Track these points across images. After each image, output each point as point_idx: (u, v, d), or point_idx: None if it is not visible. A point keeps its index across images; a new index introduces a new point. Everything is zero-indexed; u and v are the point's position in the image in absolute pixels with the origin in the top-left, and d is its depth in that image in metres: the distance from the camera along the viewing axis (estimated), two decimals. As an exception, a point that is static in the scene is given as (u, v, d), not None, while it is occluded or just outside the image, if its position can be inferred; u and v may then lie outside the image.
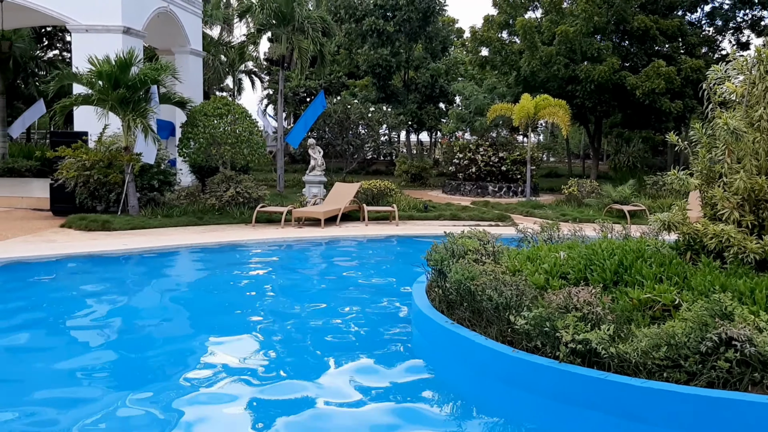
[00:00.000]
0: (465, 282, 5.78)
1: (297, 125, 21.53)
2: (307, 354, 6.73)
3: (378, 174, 27.73)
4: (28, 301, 8.71)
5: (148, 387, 5.82)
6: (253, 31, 22.82)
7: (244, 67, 39.63)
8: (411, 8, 26.69)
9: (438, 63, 30.28)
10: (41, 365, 6.34)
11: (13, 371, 6.20)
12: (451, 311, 6.03)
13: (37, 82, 33.03)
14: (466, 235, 7.30)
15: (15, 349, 6.84)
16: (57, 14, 16.64)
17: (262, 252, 12.19)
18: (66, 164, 14.32)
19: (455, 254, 6.63)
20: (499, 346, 5.23)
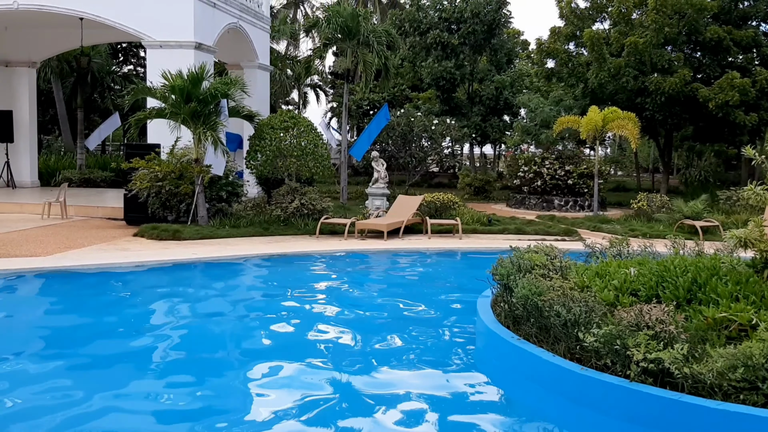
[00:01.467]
0: (532, 297, 5.70)
1: (361, 138, 21.71)
2: (368, 365, 6.74)
3: (441, 187, 27.67)
4: (102, 306, 9.02)
5: (216, 385, 5.94)
6: (319, 46, 23.22)
7: (309, 80, 40.27)
8: (476, 21, 26.63)
9: (503, 75, 30.08)
10: (118, 366, 6.56)
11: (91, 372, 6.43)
12: (517, 327, 5.96)
13: (112, 96, 34.39)
14: (532, 249, 7.21)
15: (91, 352, 7.10)
16: (133, 31, 17.29)
17: (326, 263, 12.31)
18: (139, 175, 14.81)
19: (522, 269, 6.55)
20: (566, 364, 5.13)
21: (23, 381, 6.14)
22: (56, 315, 8.72)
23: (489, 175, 27.74)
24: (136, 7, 16.95)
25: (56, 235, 13.69)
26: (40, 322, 8.47)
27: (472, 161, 34.42)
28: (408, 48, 28.66)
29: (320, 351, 7.22)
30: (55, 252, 11.71)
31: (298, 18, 44.23)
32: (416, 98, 32.81)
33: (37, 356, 6.98)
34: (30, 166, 22.64)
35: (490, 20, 26.95)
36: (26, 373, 6.38)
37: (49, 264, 10.67)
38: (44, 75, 29.29)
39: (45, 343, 7.54)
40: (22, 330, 8.07)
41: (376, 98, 32.17)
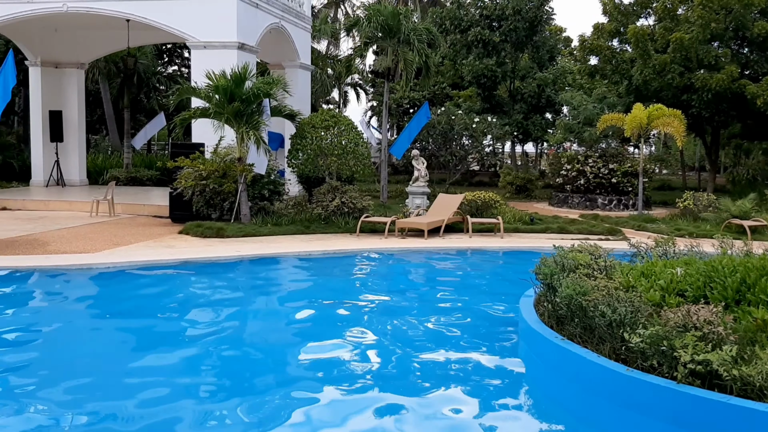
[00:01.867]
0: (576, 297, 5.65)
1: (401, 136, 21.72)
2: (409, 365, 6.75)
3: (481, 185, 27.51)
4: (147, 301, 9.23)
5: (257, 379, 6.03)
6: (359, 45, 23.28)
7: (349, 79, 40.45)
8: (518, 18, 26.40)
9: (545, 72, 29.76)
10: (168, 359, 6.71)
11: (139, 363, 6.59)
12: (561, 327, 5.91)
13: (158, 96, 35.05)
14: (576, 248, 7.14)
15: (136, 346, 7.27)
16: (178, 32, 17.60)
17: (367, 261, 12.37)
18: (184, 174, 15.08)
19: (565, 268, 6.50)
20: (612, 364, 5.07)
21: (75, 368, 6.32)
22: (104, 310, 8.95)
23: (531, 174, 27.49)
24: (181, 9, 17.25)
25: (104, 232, 14.03)
26: (89, 316, 8.70)
27: (513, 159, 34.14)
28: (448, 46, 28.55)
29: (357, 348, 7.26)
30: (103, 249, 12.01)
31: (338, 17, 44.44)
32: (457, 96, 32.67)
33: (84, 347, 7.18)
34: (79, 165, 23.23)
35: (531, 17, 26.69)
36: (73, 360, 6.57)
37: (98, 260, 10.95)
38: (92, 76, 30.00)
39: (94, 337, 7.75)
40: (73, 323, 8.30)
41: (416, 97, 32.13)
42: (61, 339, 7.65)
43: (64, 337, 7.72)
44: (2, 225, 14.67)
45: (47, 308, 9.00)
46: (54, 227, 14.52)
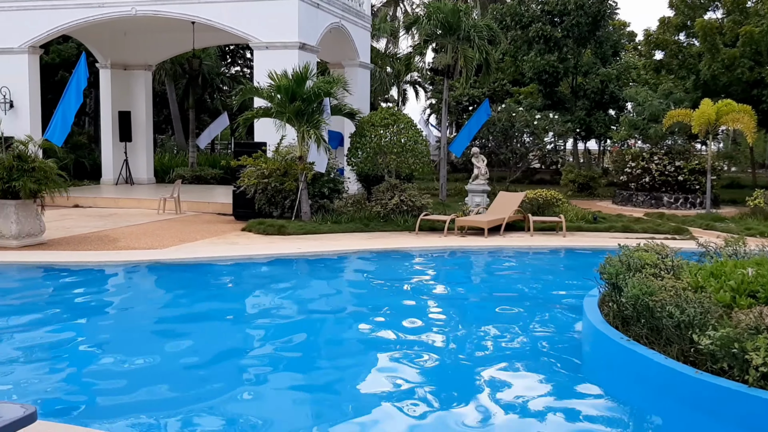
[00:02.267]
0: (643, 297, 5.52)
1: (461, 134, 21.62)
2: (467, 364, 6.72)
3: (543, 183, 27.13)
4: (212, 296, 9.46)
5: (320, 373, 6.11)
6: (419, 42, 23.26)
7: (409, 77, 40.45)
8: (580, 13, 25.91)
9: (608, 68, 29.12)
10: (233, 350, 6.87)
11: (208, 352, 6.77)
12: (626, 327, 5.78)
13: (221, 97, 35.81)
14: (642, 248, 6.97)
15: (200, 339, 7.46)
16: (242, 33, 17.94)
17: (426, 259, 12.36)
18: (247, 172, 15.37)
19: (631, 268, 6.35)
20: (680, 367, 4.94)
21: (136, 356, 6.54)
22: (171, 303, 9.21)
23: (594, 171, 26.97)
24: (244, 10, 17.57)
25: (171, 229, 14.43)
26: (156, 309, 8.97)
27: (575, 157, 33.54)
28: (509, 42, 28.24)
29: (417, 347, 7.27)
30: (170, 245, 12.36)
31: (397, 15, 44.49)
32: (517, 93, 32.31)
33: (153, 338, 7.41)
34: (146, 163, 23.96)
35: (595, 11, 26.15)
36: (142, 351, 6.80)
37: (165, 256, 11.29)
38: (159, 77, 30.87)
39: (162, 329, 7.99)
40: (141, 316, 8.58)
41: (476, 94, 31.92)
42: (126, 332, 7.91)
43: (128, 331, 7.98)
44: (75, 222, 15.27)
45: (116, 301, 9.32)
46: (123, 224, 15.02)
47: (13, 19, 19.03)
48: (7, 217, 11.94)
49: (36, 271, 10.56)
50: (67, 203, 16.78)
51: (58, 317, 8.18)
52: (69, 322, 8.01)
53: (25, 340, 7.24)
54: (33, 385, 5.88)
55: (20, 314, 8.29)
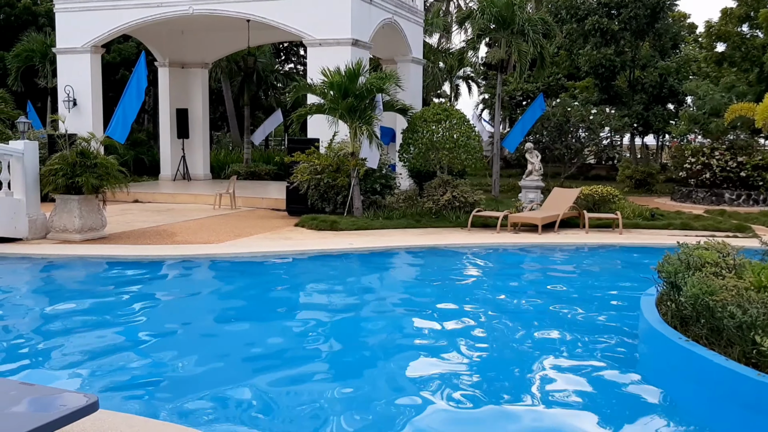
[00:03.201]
0: (703, 297, 5.36)
1: (514, 129, 21.38)
2: (520, 364, 6.64)
3: (598, 179, 26.61)
4: (267, 290, 9.60)
5: (369, 371, 6.13)
6: (472, 37, 23.07)
7: (461, 72, 40.20)
8: (638, 4, 25.29)
9: (667, 61, 28.35)
10: (277, 345, 6.96)
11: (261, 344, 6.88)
12: (685, 327, 5.63)
13: (275, 94, 36.28)
14: (702, 245, 6.77)
15: (255, 332, 7.58)
16: (296, 30, 18.12)
17: (478, 256, 12.27)
18: (300, 168, 15.54)
19: (690, 266, 6.17)
20: (741, 369, 4.78)
21: (196, 348, 6.69)
22: (227, 296, 9.39)
23: (651, 167, 26.31)
24: (298, 8, 17.74)
25: (227, 224, 14.70)
26: (213, 302, 9.15)
27: (632, 152, 32.80)
28: (564, 35, 27.78)
29: (468, 345, 7.22)
30: (226, 240, 12.59)
31: (450, 10, 44.23)
32: (573, 87, 31.76)
33: (210, 330, 7.57)
34: (203, 160, 24.46)
35: (653, 3, 25.49)
36: (200, 343, 6.95)
37: (221, 251, 11.51)
38: (215, 75, 31.47)
39: (219, 321, 8.15)
40: (197, 309, 8.77)
41: (529, 88, 31.52)
42: (184, 325, 8.09)
43: (186, 323, 8.16)
44: (135, 216, 15.70)
45: (173, 294, 9.54)
46: (181, 219, 15.37)
47: (77, 20, 19.67)
48: (71, 211, 12.35)
49: (98, 264, 10.90)
50: (128, 198, 17.25)
51: (118, 309, 8.42)
52: (128, 313, 8.24)
53: (86, 331, 7.49)
54: (94, 374, 6.07)
55: (82, 306, 8.57)
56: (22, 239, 12.25)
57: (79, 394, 3.06)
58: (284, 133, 38.60)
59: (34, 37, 25.36)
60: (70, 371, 6.14)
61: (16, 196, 12.38)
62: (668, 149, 33.41)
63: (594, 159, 29.93)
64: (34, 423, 2.66)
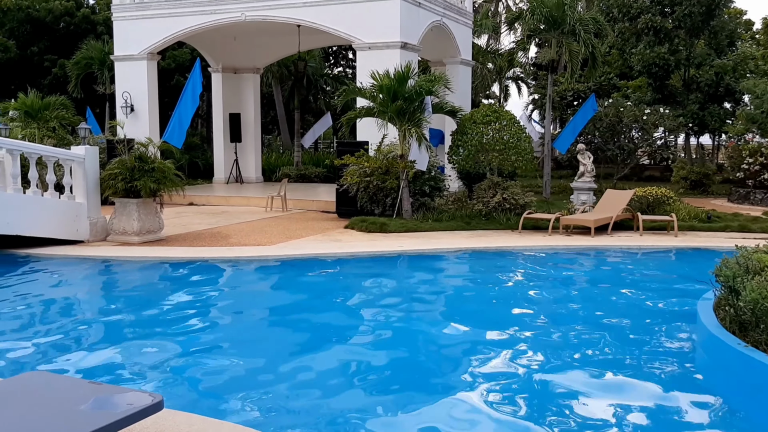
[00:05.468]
0: (763, 302, 5.24)
1: (566, 130, 21.13)
2: (574, 369, 6.57)
3: (652, 180, 26.06)
4: (319, 292, 9.72)
5: (418, 373, 6.17)
6: (522, 38, 22.90)
7: (511, 73, 39.87)
8: (693, 2, 24.69)
9: (723, 59, 27.61)
10: (327, 343, 7.06)
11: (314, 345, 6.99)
12: (744, 333, 5.51)
13: (324, 97, 36.62)
14: (761, 248, 6.60)
15: (308, 330, 7.70)
16: (345, 35, 18.29)
17: (530, 259, 12.18)
18: (350, 171, 15.68)
19: (750, 270, 6.03)
20: (804, 376, 4.67)
21: (251, 347, 6.83)
22: (280, 298, 9.56)
23: (707, 168, 25.66)
24: (348, 12, 17.90)
25: (278, 226, 14.93)
26: (266, 303, 9.33)
27: (687, 153, 32.03)
28: (616, 35, 27.32)
29: (519, 348, 7.19)
30: (278, 242, 12.80)
31: (499, 11, 43.92)
32: (625, 87, 31.18)
33: (264, 330, 7.72)
34: (255, 163, 24.88)
35: (708, 0, 24.86)
36: (256, 343, 7.10)
37: (273, 252, 11.72)
38: (266, 80, 31.94)
39: (272, 322, 8.31)
40: (251, 310, 8.95)
41: (581, 88, 31.06)
42: (240, 324, 8.28)
43: (242, 323, 8.34)
44: (190, 219, 16.07)
45: (228, 295, 9.76)
46: (234, 221, 15.67)
47: (134, 28, 20.26)
48: (130, 214, 12.73)
49: (156, 266, 11.22)
50: (183, 201, 17.67)
51: (175, 309, 8.66)
52: (185, 313, 8.46)
53: (145, 330, 7.73)
54: (154, 373, 6.27)
55: (141, 306, 8.84)
56: (83, 241, 12.69)
57: (145, 393, 3.17)
58: (333, 135, 38.98)
59: (92, 45, 26.18)
60: (131, 370, 6.35)
61: (78, 200, 12.83)
62: (725, 149, 32.51)
63: (648, 160, 29.34)
64: (102, 421, 2.77)
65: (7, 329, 7.73)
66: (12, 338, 7.34)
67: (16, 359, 6.63)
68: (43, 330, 7.77)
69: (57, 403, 3.00)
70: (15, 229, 11.85)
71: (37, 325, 8.04)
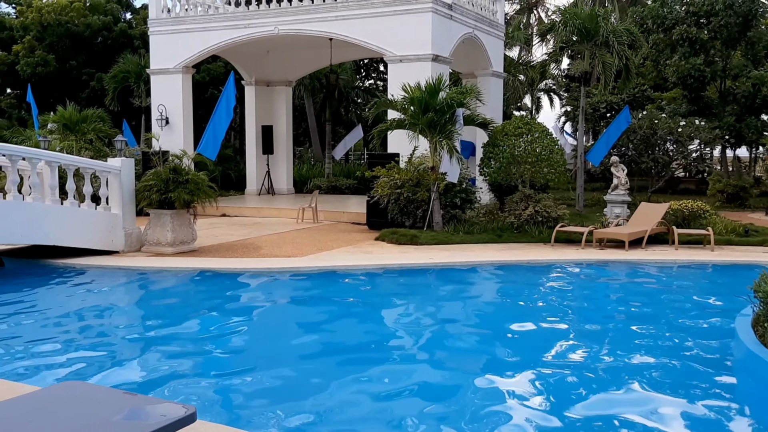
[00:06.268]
0: (804, 319, 5.11)
1: (599, 142, 20.91)
2: (607, 387, 6.46)
3: (687, 193, 25.62)
4: (349, 304, 9.73)
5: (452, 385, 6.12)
6: (554, 50, 22.77)
7: (543, 84, 39.68)
8: (729, 13, 24.32)
9: (761, 70, 27.11)
10: (359, 356, 7.05)
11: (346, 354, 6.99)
12: (785, 350, 5.37)
13: (355, 109, 36.81)
14: (802, 265, 6.44)
15: (338, 341, 7.70)
16: (377, 47, 18.38)
17: (562, 272, 12.06)
18: (380, 183, 15.70)
19: (790, 286, 5.89)
20: None
21: (282, 358, 6.85)
22: (311, 309, 9.58)
23: (744, 181, 25.19)
24: (379, 26, 17.99)
25: (309, 237, 15.00)
26: (298, 314, 9.36)
27: (724, 165, 31.47)
28: (650, 46, 27.02)
29: (551, 363, 7.10)
30: (309, 253, 12.86)
31: (531, 23, 43.81)
32: (659, 99, 30.79)
33: (296, 341, 7.75)
34: (286, 175, 25.08)
35: (745, 11, 24.46)
36: (285, 352, 7.12)
37: (305, 264, 11.77)
38: (298, 92, 32.22)
39: (304, 333, 8.33)
40: (283, 321, 8.98)
41: (614, 100, 30.74)
42: (272, 335, 8.31)
43: (274, 334, 8.38)
44: (223, 230, 16.23)
45: (260, 306, 9.82)
46: (266, 232, 15.79)
47: (169, 42, 20.62)
48: (164, 225, 12.91)
49: (189, 276, 11.34)
50: (216, 212, 17.86)
51: (209, 320, 8.73)
52: (217, 324, 8.53)
53: (179, 341, 7.80)
54: (185, 383, 6.32)
55: (175, 317, 8.93)
56: (118, 252, 12.89)
57: (178, 405, 3.18)
58: (363, 147, 39.12)
59: (129, 59, 26.68)
60: (164, 380, 6.40)
61: (114, 211, 13.05)
62: (762, 162, 31.89)
63: (683, 172, 28.89)
64: (135, 432, 2.79)
65: (44, 338, 7.87)
66: (49, 347, 7.47)
67: (53, 368, 6.74)
68: (79, 339, 7.89)
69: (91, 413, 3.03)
70: (53, 240, 12.09)
71: (73, 334, 8.17)
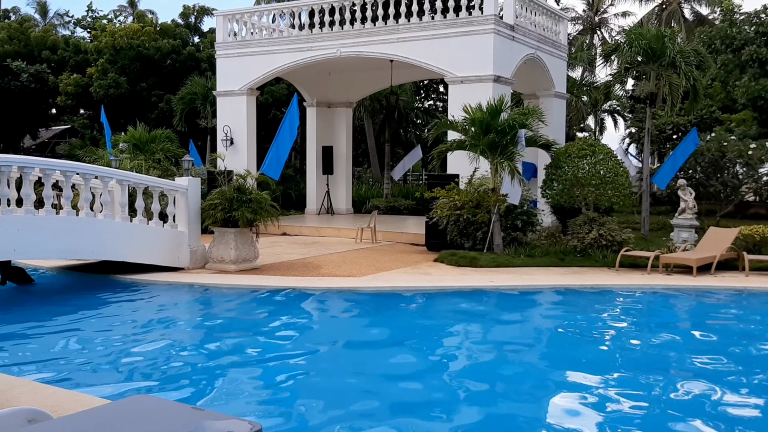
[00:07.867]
0: None
1: (665, 165, 20.37)
2: (673, 423, 6.23)
3: (758, 218, 24.63)
4: (408, 325, 9.68)
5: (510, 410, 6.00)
6: (619, 70, 22.38)
7: (607, 105, 39.01)
8: (803, 31, 23.53)
9: (838, 90, 26.02)
10: (417, 377, 6.99)
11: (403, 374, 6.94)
12: None
13: (415, 130, 36.92)
14: None
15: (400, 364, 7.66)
16: (437, 69, 18.43)
17: (627, 298, 11.74)
18: (440, 204, 15.64)
19: None
20: None
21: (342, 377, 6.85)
22: (369, 329, 9.58)
23: (820, 206, 24.10)
24: (441, 47, 18.04)
25: (368, 258, 15.04)
26: (356, 334, 9.36)
27: (797, 189, 30.19)
28: (719, 67, 26.31)
29: (613, 394, 6.88)
30: (367, 273, 12.88)
31: (594, 43, 43.25)
32: (728, 120, 29.88)
33: (353, 361, 7.75)
34: (346, 195, 25.29)
35: (821, 29, 23.58)
36: (343, 371, 7.12)
37: (363, 284, 11.80)
38: (358, 113, 32.53)
39: (362, 352, 8.32)
40: (342, 339, 9.00)
41: (680, 122, 30.00)
42: (332, 354, 8.33)
43: (334, 352, 8.40)
44: (284, 249, 16.44)
45: (320, 325, 9.88)
46: (325, 252, 15.91)
47: (235, 65, 21.16)
48: (227, 243, 13.16)
49: (252, 294, 11.50)
50: (277, 231, 18.10)
51: (271, 337, 8.83)
52: (281, 343, 8.61)
53: (242, 357, 7.90)
54: (247, 400, 6.38)
55: (238, 333, 9.06)
56: (183, 268, 13.19)
57: (244, 421, 3.21)
58: (422, 168, 39.13)
59: (196, 81, 27.49)
60: (228, 396, 6.49)
61: (180, 228, 13.38)
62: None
63: (753, 196, 27.84)
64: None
65: (113, 352, 8.09)
66: (117, 361, 7.67)
67: (122, 382, 6.91)
68: (146, 353, 8.07)
69: (160, 427, 3.08)
70: (121, 256, 12.46)
71: (141, 347, 8.37)
